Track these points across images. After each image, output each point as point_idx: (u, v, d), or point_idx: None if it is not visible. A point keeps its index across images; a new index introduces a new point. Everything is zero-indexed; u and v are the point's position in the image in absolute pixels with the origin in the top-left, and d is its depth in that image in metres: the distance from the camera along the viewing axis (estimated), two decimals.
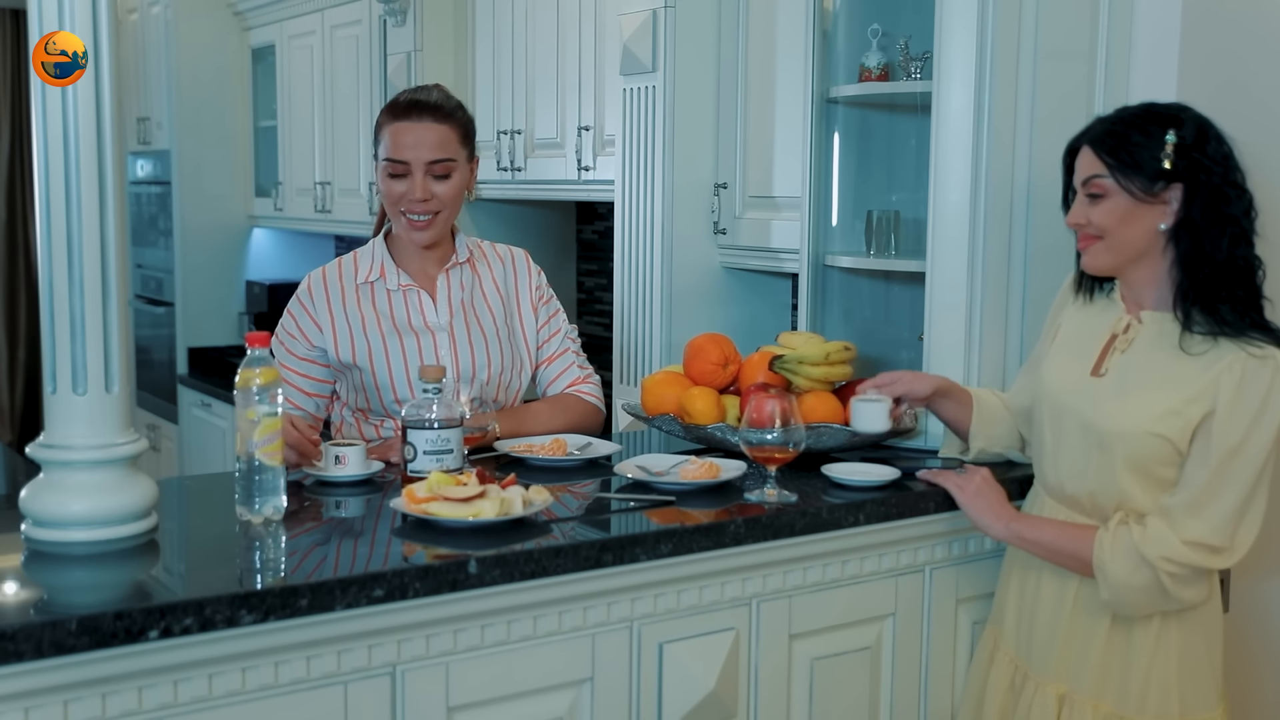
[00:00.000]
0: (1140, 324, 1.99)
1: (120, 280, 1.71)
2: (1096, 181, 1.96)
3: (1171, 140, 1.92)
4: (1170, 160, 1.91)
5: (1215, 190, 1.91)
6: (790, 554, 2.02)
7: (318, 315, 2.41)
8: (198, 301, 5.75)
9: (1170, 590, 1.89)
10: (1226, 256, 1.91)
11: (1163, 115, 1.96)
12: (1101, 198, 1.96)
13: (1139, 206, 1.94)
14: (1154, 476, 1.92)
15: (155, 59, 5.78)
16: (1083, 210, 1.99)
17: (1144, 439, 1.91)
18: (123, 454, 1.72)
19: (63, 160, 1.66)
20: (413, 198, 2.35)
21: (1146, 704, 1.97)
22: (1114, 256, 1.99)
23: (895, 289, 2.78)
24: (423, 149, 2.35)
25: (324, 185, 5.12)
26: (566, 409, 2.51)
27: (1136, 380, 1.95)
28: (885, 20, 2.70)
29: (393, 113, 2.39)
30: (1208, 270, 1.91)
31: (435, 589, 1.70)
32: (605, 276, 4.41)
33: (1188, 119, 1.95)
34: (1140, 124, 1.95)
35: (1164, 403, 1.90)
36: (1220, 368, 1.87)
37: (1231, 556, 1.89)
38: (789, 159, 3.07)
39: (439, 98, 2.40)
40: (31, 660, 1.45)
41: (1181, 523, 1.87)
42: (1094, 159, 1.97)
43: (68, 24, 1.65)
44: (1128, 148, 1.93)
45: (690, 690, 1.95)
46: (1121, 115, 2.00)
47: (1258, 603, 2.52)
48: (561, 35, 3.84)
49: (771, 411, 2.06)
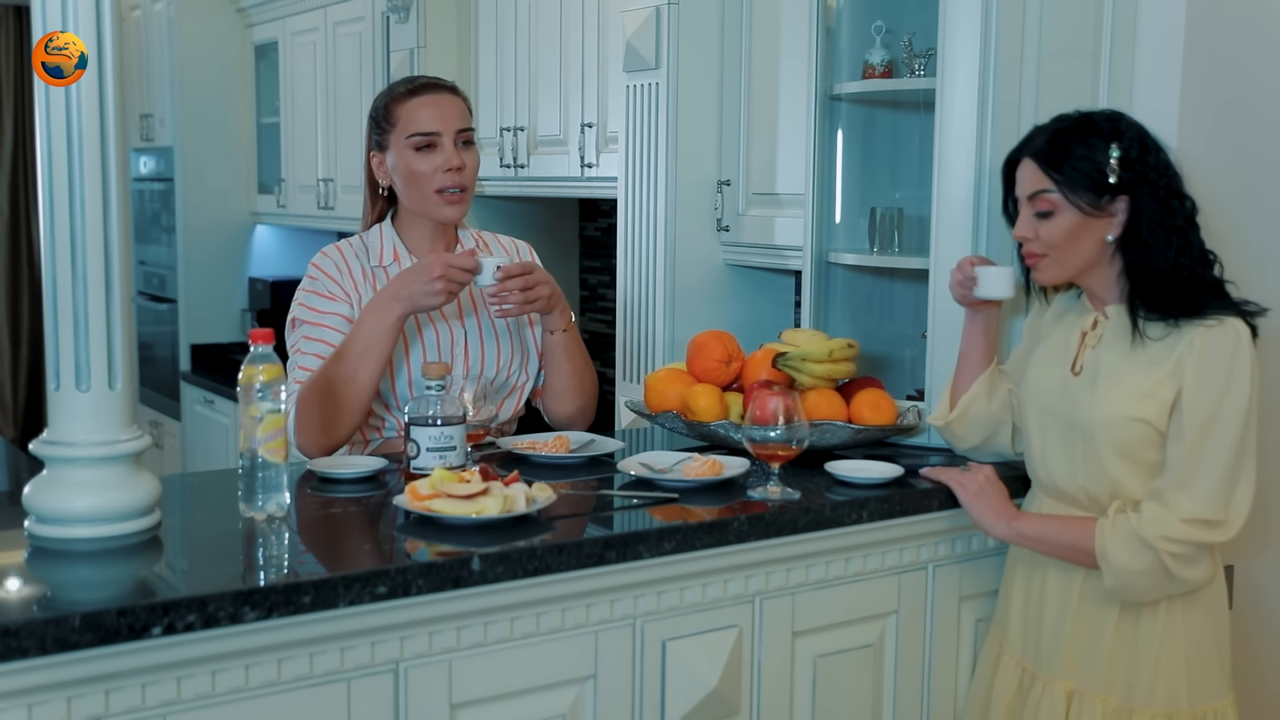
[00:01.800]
0: (1106, 319, 2.04)
1: (123, 277, 1.71)
2: (1044, 197, 1.99)
3: (1116, 154, 1.95)
4: (1116, 174, 1.95)
5: (1160, 201, 1.96)
6: (793, 551, 2.02)
7: (342, 283, 2.38)
8: (201, 298, 5.75)
9: (1174, 571, 1.90)
10: (1173, 267, 1.95)
11: (1102, 126, 1.99)
12: (1050, 214, 1.99)
13: (1087, 220, 1.98)
14: (1141, 461, 1.94)
15: (158, 56, 5.78)
16: (1030, 225, 2.02)
17: (1124, 424, 1.94)
18: (126, 450, 1.72)
19: (66, 157, 1.66)
20: (450, 166, 2.34)
21: (1155, 695, 1.98)
22: (1063, 270, 2.04)
23: (899, 286, 2.78)
24: (451, 118, 2.36)
25: (327, 182, 5.13)
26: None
27: (1108, 371, 1.99)
28: (889, 17, 2.69)
29: (407, 93, 2.38)
30: (1155, 280, 1.95)
31: (438, 586, 1.70)
32: (608, 273, 4.41)
33: (1127, 129, 1.98)
34: (1082, 136, 1.98)
35: (1137, 387, 1.94)
36: (1182, 345, 1.91)
37: (1229, 529, 1.90)
38: (792, 156, 3.07)
39: (443, 80, 2.43)
40: (35, 657, 1.45)
41: (1173, 501, 1.89)
42: (1039, 173, 2.00)
43: (71, 21, 1.65)
44: (1072, 162, 1.96)
45: (693, 688, 1.95)
46: (1060, 126, 2.02)
47: (1257, 590, 2.52)
48: (565, 32, 3.84)
49: (775, 409, 2.06)
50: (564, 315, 2.43)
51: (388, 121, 2.39)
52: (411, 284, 2.24)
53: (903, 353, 2.77)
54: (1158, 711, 1.97)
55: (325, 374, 2.25)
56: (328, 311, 2.35)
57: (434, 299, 2.23)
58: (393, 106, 2.38)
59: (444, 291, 2.23)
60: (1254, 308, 1.95)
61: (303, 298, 2.39)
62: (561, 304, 2.41)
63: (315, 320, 2.35)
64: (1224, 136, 2.46)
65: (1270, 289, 2.20)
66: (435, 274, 2.22)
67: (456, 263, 2.23)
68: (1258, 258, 2.44)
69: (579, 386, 2.48)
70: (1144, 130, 2.00)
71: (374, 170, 2.45)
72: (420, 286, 2.23)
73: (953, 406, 2.26)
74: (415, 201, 2.39)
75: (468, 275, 2.24)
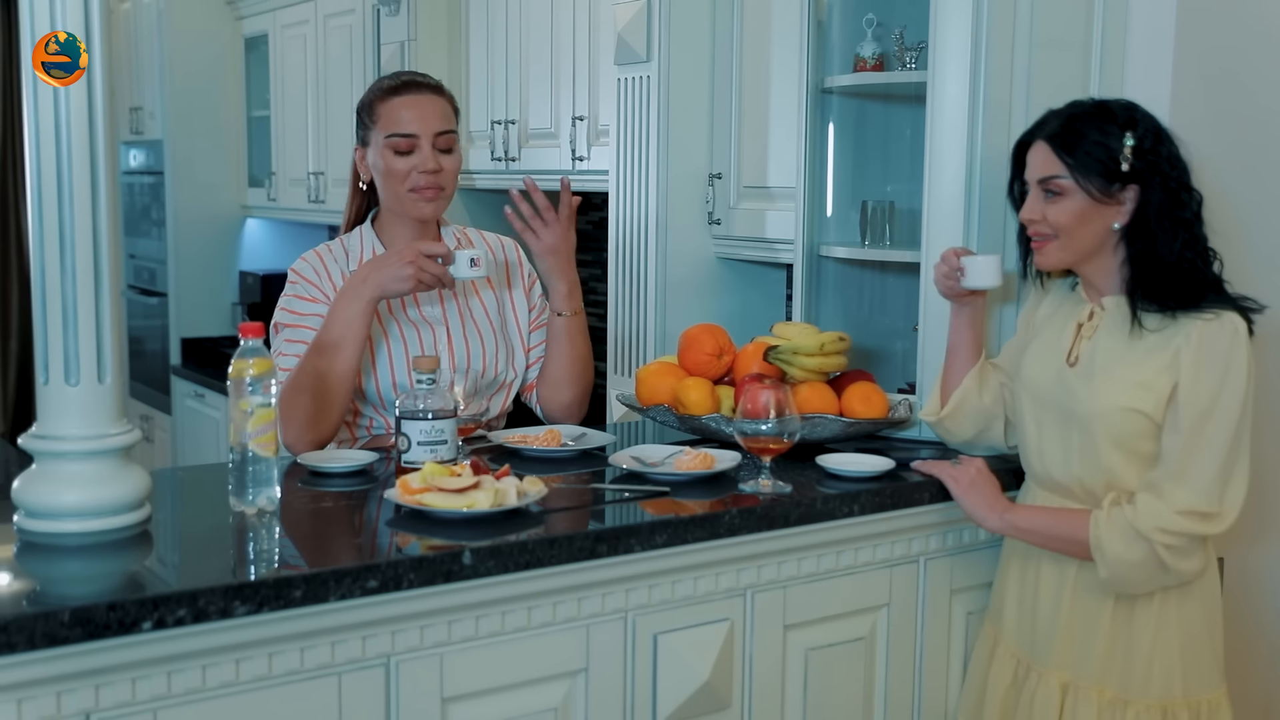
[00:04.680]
0: (1103, 310, 2.04)
1: (113, 270, 1.70)
2: (1056, 181, 2.00)
3: (1130, 143, 1.96)
4: (1129, 162, 1.96)
5: (1170, 193, 1.96)
6: (785, 545, 2.02)
7: (321, 285, 2.38)
8: (191, 292, 5.74)
9: (1168, 562, 1.90)
10: (1176, 259, 1.95)
11: (1118, 114, 1.99)
12: (1059, 196, 2.00)
13: (1095, 206, 1.98)
14: (1137, 452, 1.95)
15: (148, 48, 5.76)
16: (1038, 207, 2.03)
17: (1121, 415, 1.94)
18: (115, 445, 1.72)
19: (55, 150, 1.65)
20: (425, 169, 2.34)
21: (1150, 686, 1.98)
22: (1068, 254, 2.04)
23: (890, 279, 2.78)
24: (431, 120, 2.36)
25: (317, 175, 5.11)
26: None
27: (1105, 361, 1.99)
28: (880, 10, 2.69)
29: (389, 91, 2.38)
30: (1157, 271, 1.96)
31: (429, 580, 1.69)
32: (599, 267, 4.40)
33: (1142, 119, 1.99)
34: (1097, 123, 1.99)
35: (1134, 378, 1.94)
36: (1179, 338, 1.92)
37: (1223, 521, 1.91)
38: (784, 149, 3.07)
39: (428, 77, 2.42)
40: (24, 652, 1.44)
41: (1168, 493, 1.90)
42: (1052, 157, 2.00)
43: (59, 13, 1.64)
44: (1086, 147, 1.97)
45: (685, 681, 1.95)
46: (1075, 112, 2.03)
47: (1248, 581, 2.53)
48: (555, 25, 3.83)
49: (766, 402, 2.06)
50: (574, 297, 2.43)
51: (370, 117, 2.40)
52: (382, 269, 2.25)
53: (894, 346, 2.77)
54: (1153, 702, 1.98)
55: (304, 367, 2.25)
56: (307, 313, 2.36)
57: (403, 284, 2.24)
58: (376, 103, 2.39)
59: (413, 278, 2.24)
60: (1252, 304, 1.96)
61: (284, 302, 2.40)
62: (575, 284, 2.43)
63: (295, 322, 2.36)
64: (1215, 125, 2.46)
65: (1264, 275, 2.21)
66: (406, 259, 2.24)
67: (428, 250, 2.25)
68: (1252, 244, 2.44)
69: (578, 375, 2.48)
70: (1158, 122, 2.01)
71: (357, 164, 2.47)
72: (390, 271, 2.24)
73: (944, 402, 2.26)
74: (391, 199, 2.40)
75: (439, 267, 2.25)
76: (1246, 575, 2.56)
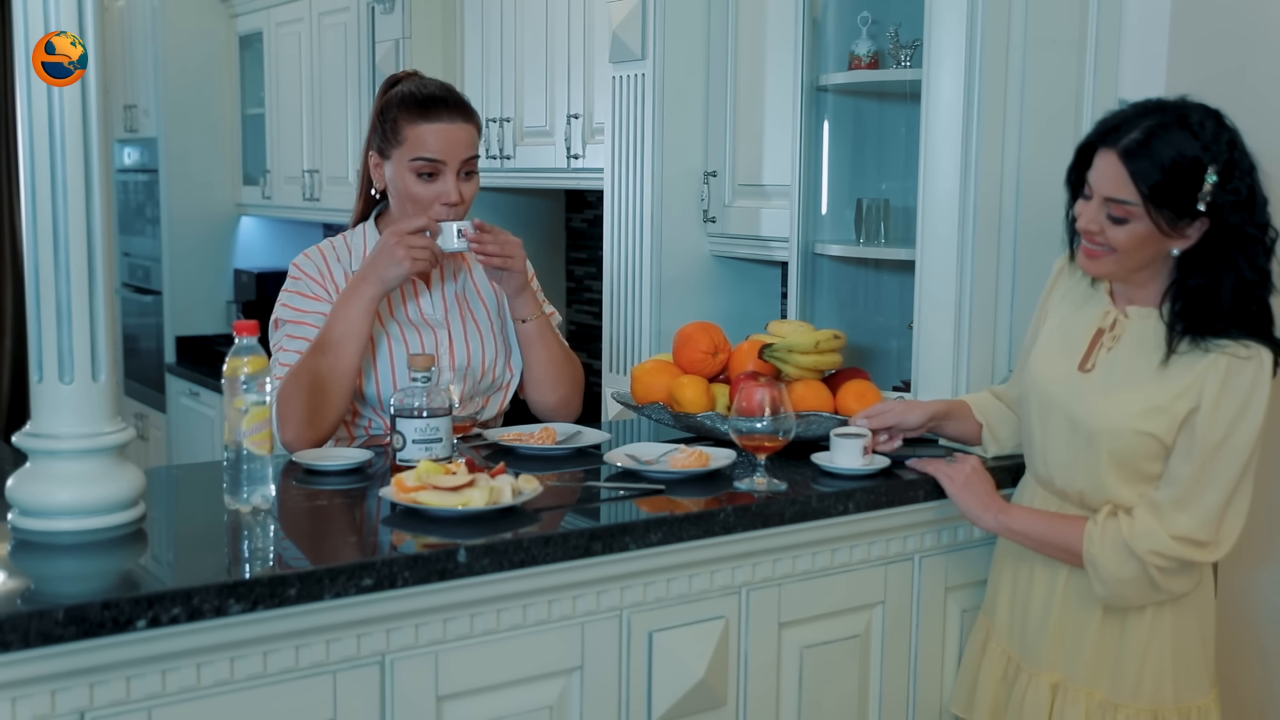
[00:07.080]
0: (1127, 319, 1.99)
1: (107, 268, 1.70)
2: (1125, 207, 1.88)
3: (1212, 179, 1.84)
4: (1206, 203, 1.85)
5: (1239, 231, 1.86)
6: (780, 542, 2.02)
7: (324, 283, 2.37)
8: (185, 290, 5.73)
9: (1159, 582, 1.90)
10: (1232, 301, 1.88)
11: (1200, 135, 1.85)
12: (1125, 221, 1.89)
13: (1159, 235, 1.89)
14: (1140, 472, 1.93)
15: (142, 46, 5.75)
16: (1098, 220, 1.91)
17: (1130, 436, 1.91)
18: (110, 443, 1.72)
19: (48, 147, 1.65)
20: (448, 200, 2.31)
21: (1140, 691, 1.98)
22: (1120, 270, 1.96)
23: (885, 277, 2.79)
24: (460, 148, 2.32)
25: (312, 173, 5.11)
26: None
27: (1123, 377, 1.95)
28: (875, 8, 2.69)
29: (420, 113, 2.31)
30: (1207, 308, 1.88)
31: (424, 578, 1.69)
32: (594, 265, 4.41)
33: (1225, 146, 1.85)
34: (1178, 148, 1.84)
35: (1150, 400, 1.90)
36: (1205, 364, 1.87)
37: (1217, 550, 1.90)
38: (779, 147, 3.07)
39: (457, 95, 2.37)
40: (18, 650, 1.44)
41: (1169, 518, 1.88)
42: (1124, 178, 1.86)
43: (53, 12, 1.64)
44: (1164, 180, 1.84)
45: (680, 679, 1.95)
46: (1156, 126, 1.86)
47: (1244, 592, 2.53)
48: (550, 23, 3.83)
49: (761, 400, 2.06)
50: (531, 303, 2.42)
51: (395, 135, 2.33)
52: (376, 264, 2.26)
53: (889, 343, 2.77)
54: (1143, 707, 1.98)
55: (305, 365, 2.24)
56: (310, 310, 2.35)
57: (399, 267, 2.24)
58: (402, 123, 2.31)
59: (406, 259, 2.24)
60: None
61: (285, 298, 2.38)
62: (529, 290, 2.42)
63: (297, 319, 2.34)
64: None
65: None
66: (391, 244, 2.24)
67: (405, 227, 2.26)
68: None
69: (558, 375, 2.47)
70: (1239, 144, 1.88)
71: (370, 169, 2.42)
72: (384, 261, 2.25)
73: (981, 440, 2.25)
74: (404, 215, 2.36)
75: (427, 240, 2.26)
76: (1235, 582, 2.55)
